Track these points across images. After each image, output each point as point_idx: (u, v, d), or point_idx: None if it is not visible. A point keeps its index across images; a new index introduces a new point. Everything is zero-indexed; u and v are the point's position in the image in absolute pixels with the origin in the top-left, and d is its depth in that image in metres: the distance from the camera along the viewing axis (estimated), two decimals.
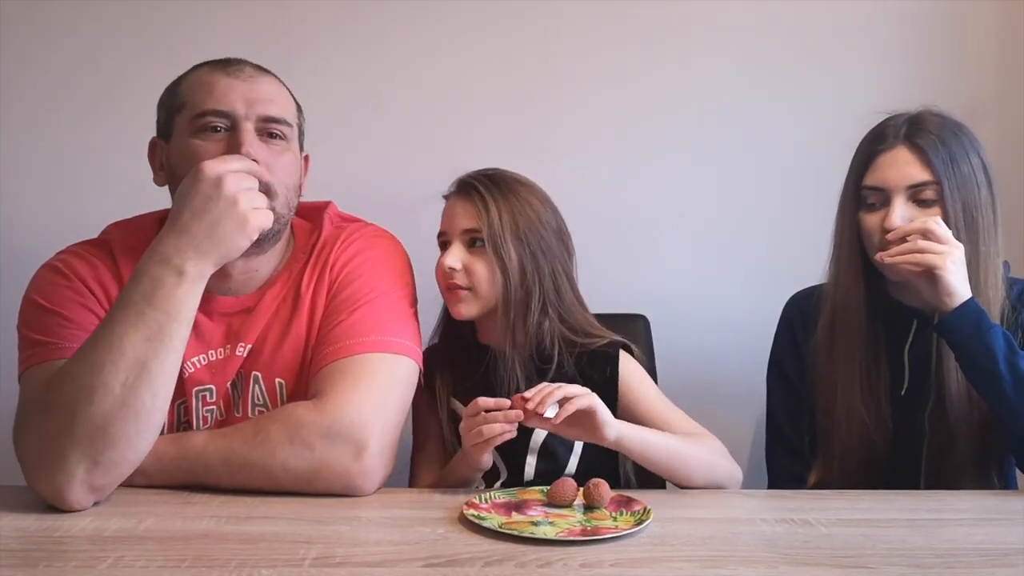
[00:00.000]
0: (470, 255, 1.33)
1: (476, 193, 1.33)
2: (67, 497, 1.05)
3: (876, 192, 1.32)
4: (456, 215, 1.35)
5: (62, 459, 1.04)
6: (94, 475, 1.05)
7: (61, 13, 1.72)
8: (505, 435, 1.15)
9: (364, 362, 1.18)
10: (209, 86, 1.19)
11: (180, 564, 0.91)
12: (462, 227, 1.34)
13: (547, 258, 1.34)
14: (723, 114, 1.80)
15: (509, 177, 1.37)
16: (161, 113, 1.25)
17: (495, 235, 1.31)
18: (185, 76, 1.24)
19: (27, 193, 1.75)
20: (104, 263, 1.23)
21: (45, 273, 1.23)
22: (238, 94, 1.19)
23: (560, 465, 1.33)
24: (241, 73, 1.21)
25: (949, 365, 1.31)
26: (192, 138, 1.18)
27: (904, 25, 1.80)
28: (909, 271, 1.25)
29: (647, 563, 0.94)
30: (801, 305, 1.47)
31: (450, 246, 1.34)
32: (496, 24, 1.77)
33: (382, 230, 1.36)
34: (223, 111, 1.18)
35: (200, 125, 1.18)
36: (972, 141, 1.33)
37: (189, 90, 1.21)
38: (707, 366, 1.76)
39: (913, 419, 1.35)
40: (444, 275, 1.34)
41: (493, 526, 1.02)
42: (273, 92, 1.23)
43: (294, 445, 1.12)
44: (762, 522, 1.08)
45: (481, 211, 1.32)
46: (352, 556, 0.94)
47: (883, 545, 1.00)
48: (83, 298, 1.19)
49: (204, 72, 1.22)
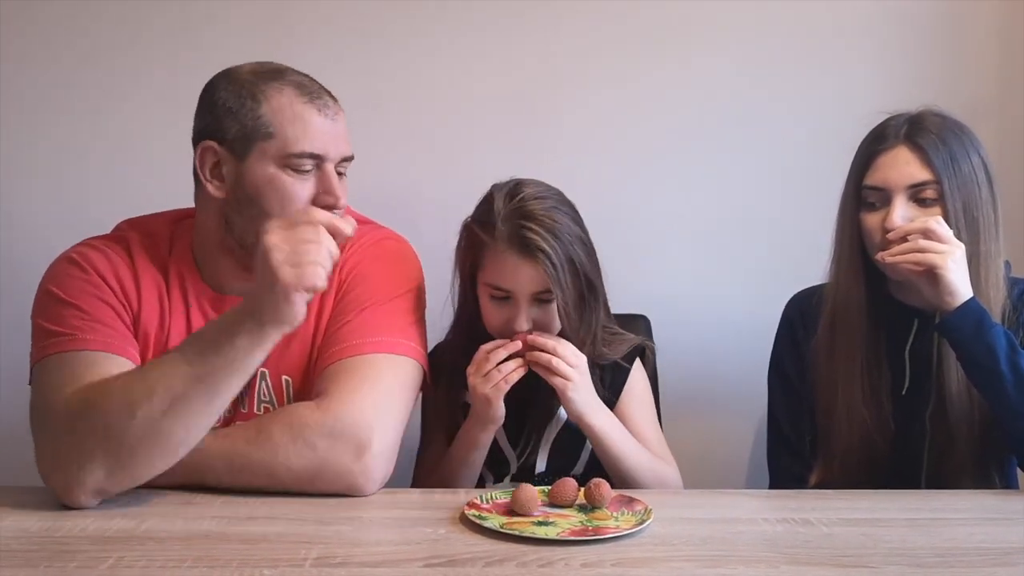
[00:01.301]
0: (539, 308, 1.30)
1: (543, 256, 1.25)
2: (77, 495, 1.06)
3: (877, 192, 1.32)
4: (523, 279, 1.27)
5: (86, 460, 1.05)
6: (108, 482, 1.07)
7: (61, 13, 1.72)
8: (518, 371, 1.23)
9: (369, 362, 1.18)
10: (303, 123, 1.18)
11: (181, 564, 0.91)
12: (532, 291, 1.28)
13: (596, 287, 1.32)
14: (723, 114, 1.80)
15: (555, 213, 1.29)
16: (230, 124, 1.18)
17: (564, 291, 1.27)
18: (264, 95, 1.18)
19: (27, 193, 1.75)
20: (122, 259, 1.23)
21: (62, 264, 1.22)
22: (329, 136, 1.20)
23: (571, 460, 1.34)
24: (328, 110, 1.20)
25: (950, 365, 1.31)
26: (281, 172, 1.18)
27: (904, 25, 1.80)
28: (910, 271, 1.25)
29: (648, 563, 0.94)
30: (802, 305, 1.47)
31: (518, 306, 1.28)
32: (496, 24, 1.77)
33: (393, 233, 1.36)
34: (318, 154, 1.19)
35: (292, 164, 1.18)
36: (973, 141, 1.33)
37: (278, 120, 1.17)
38: (708, 366, 1.76)
39: (914, 419, 1.35)
40: (510, 328, 1.29)
41: (494, 526, 1.02)
42: (346, 129, 1.24)
43: (296, 445, 1.12)
44: (763, 522, 1.08)
45: (551, 276, 1.25)
46: (353, 556, 0.94)
47: (884, 545, 1.01)
48: (100, 291, 1.19)
49: (291, 100, 1.18)
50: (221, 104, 1.19)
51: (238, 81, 1.20)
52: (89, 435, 1.06)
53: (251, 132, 1.18)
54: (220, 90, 1.20)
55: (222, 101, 1.19)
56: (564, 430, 1.34)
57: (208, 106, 1.21)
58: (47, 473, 1.08)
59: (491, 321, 1.32)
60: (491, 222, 1.28)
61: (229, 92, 1.19)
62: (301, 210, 1.15)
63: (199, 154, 1.21)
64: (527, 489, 1.10)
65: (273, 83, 1.19)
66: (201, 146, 1.21)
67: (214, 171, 1.21)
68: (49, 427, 1.09)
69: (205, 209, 1.25)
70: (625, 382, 1.37)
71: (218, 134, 1.19)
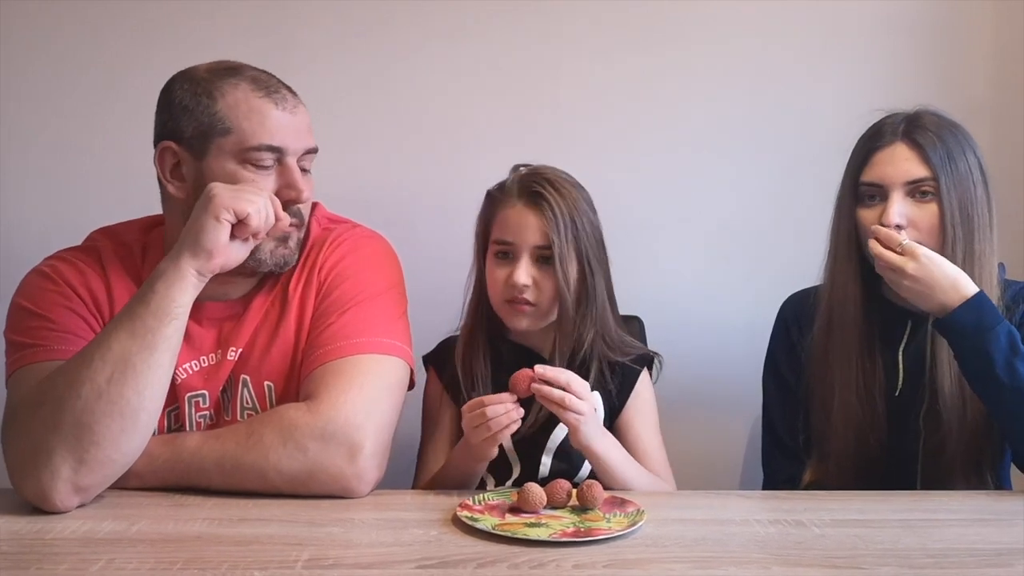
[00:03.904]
0: (539, 271, 1.30)
1: (547, 206, 1.28)
2: (52, 496, 1.04)
3: (874, 188, 1.32)
4: (526, 228, 1.30)
5: (47, 456, 1.04)
6: (79, 474, 1.05)
7: (61, 13, 1.72)
8: (512, 427, 1.15)
9: (356, 363, 1.18)
10: (260, 116, 1.18)
11: (172, 566, 0.91)
12: (534, 243, 1.29)
13: (598, 273, 1.33)
14: (716, 116, 1.80)
15: (568, 183, 1.33)
16: (187, 123, 1.18)
17: (563, 255, 1.28)
18: (219, 91, 1.18)
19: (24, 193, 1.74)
20: (93, 269, 1.23)
21: (33, 278, 1.22)
22: (288, 130, 1.19)
23: (575, 467, 1.33)
24: (286, 104, 1.20)
25: (943, 365, 1.31)
26: (241, 168, 1.18)
27: (900, 28, 1.80)
28: None
29: (640, 564, 0.94)
30: (796, 306, 1.47)
31: (518, 260, 1.30)
32: (496, 24, 1.77)
33: (370, 231, 1.35)
34: (277, 147, 1.18)
35: (251, 158, 1.18)
36: (969, 140, 1.34)
37: (233, 115, 1.17)
38: (702, 367, 1.76)
39: (908, 419, 1.35)
40: (509, 289, 1.30)
41: (486, 527, 1.02)
42: (307, 121, 1.24)
43: (287, 447, 1.12)
44: (755, 523, 1.08)
45: (552, 228, 1.28)
46: (345, 558, 0.94)
47: (876, 546, 1.01)
48: (71, 303, 1.19)
49: (247, 95, 1.18)
50: (177, 103, 1.19)
51: (194, 80, 1.20)
52: (44, 430, 1.04)
53: (208, 129, 1.18)
54: (176, 89, 1.20)
55: (178, 100, 1.19)
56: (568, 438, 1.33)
57: (165, 106, 1.21)
58: (20, 484, 1.06)
59: (493, 287, 1.33)
60: (506, 184, 1.35)
61: (185, 91, 1.19)
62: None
63: (158, 155, 1.21)
64: (535, 487, 1.10)
65: (229, 79, 1.19)
66: (160, 147, 1.21)
67: (174, 172, 1.21)
68: (11, 437, 1.08)
69: (170, 212, 1.24)
70: (633, 388, 1.36)
71: (176, 134, 1.19)
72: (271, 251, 1.22)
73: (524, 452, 1.33)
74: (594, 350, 1.34)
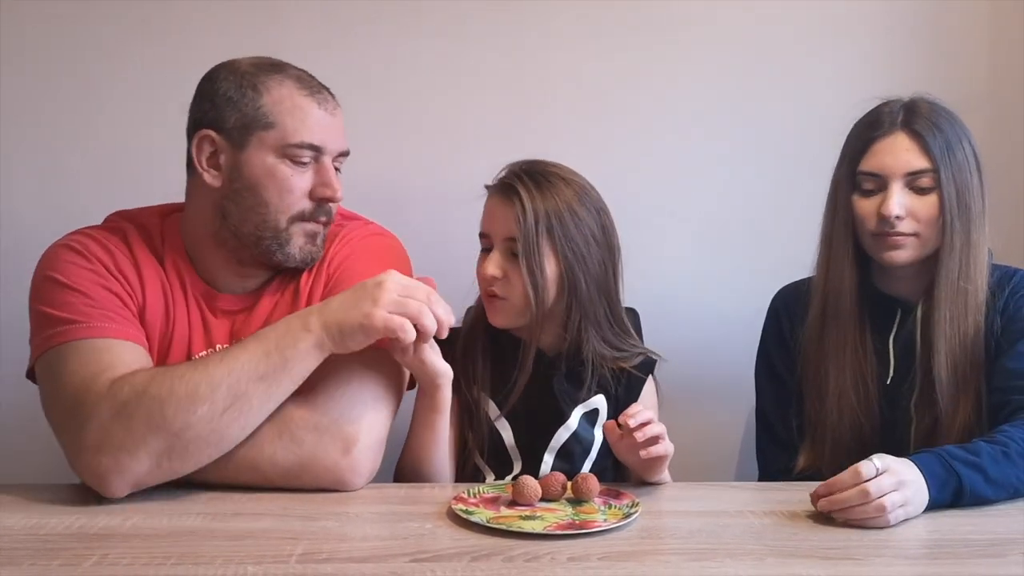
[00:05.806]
0: (510, 263, 1.29)
1: (516, 199, 1.26)
2: (115, 483, 1.06)
3: (873, 178, 1.32)
4: (496, 219, 1.29)
5: (134, 448, 1.05)
6: (152, 474, 1.08)
7: (61, 12, 1.71)
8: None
9: (355, 357, 1.17)
10: (303, 114, 1.19)
11: (166, 561, 0.91)
12: (504, 235, 1.28)
13: (584, 271, 1.29)
14: (712, 109, 1.79)
15: (552, 174, 1.30)
16: (230, 114, 1.19)
17: (530, 250, 1.26)
18: (265, 86, 1.19)
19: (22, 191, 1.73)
20: (120, 250, 1.21)
21: (60, 251, 1.20)
22: (329, 130, 1.22)
23: (575, 467, 1.33)
24: (327, 105, 1.22)
25: (932, 354, 1.31)
26: (280, 162, 1.19)
27: (895, 19, 1.79)
28: None
29: (635, 556, 0.95)
30: (788, 298, 1.47)
31: (491, 252, 1.30)
32: (495, 23, 1.76)
33: (381, 228, 1.36)
34: (317, 145, 1.20)
35: (291, 154, 1.19)
36: (964, 128, 1.34)
37: (278, 110, 1.18)
38: (697, 359, 1.76)
39: (899, 407, 1.36)
40: (484, 281, 1.31)
41: (481, 521, 1.02)
42: (343, 125, 1.25)
43: (282, 440, 1.12)
44: (750, 515, 1.09)
45: (518, 221, 1.25)
46: (339, 552, 0.94)
47: (870, 537, 1.01)
48: (105, 280, 1.17)
49: (292, 93, 1.20)
50: (222, 94, 1.20)
51: (239, 72, 1.21)
52: (144, 423, 1.05)
53: (251, 121, 1.19)
54: (221, 80, 1.21)
55: (223, 91, 1.20)
56: (573, 439, 1.33)
57: (208, 95, 1.21)
58: (88, 460, 1.06)
59: (477, 279, 1.33)
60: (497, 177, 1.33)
61: (230, 82, 1.20)
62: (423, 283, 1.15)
63: (196, 143, 1.21)
64: (530, 480, 1.10)
65: (274, 75, 1.21)
66: (199, 135, 1.21)
67: (211, 160, 1.21)
68: (85, 414, 1.06)
69: (198, 200, 1.24)
70: (638, 398, 1.36)
71: (217, 123, 1.20)
72: (300, 247, 1.23)
73: (526, 450, 1.33)
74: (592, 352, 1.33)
